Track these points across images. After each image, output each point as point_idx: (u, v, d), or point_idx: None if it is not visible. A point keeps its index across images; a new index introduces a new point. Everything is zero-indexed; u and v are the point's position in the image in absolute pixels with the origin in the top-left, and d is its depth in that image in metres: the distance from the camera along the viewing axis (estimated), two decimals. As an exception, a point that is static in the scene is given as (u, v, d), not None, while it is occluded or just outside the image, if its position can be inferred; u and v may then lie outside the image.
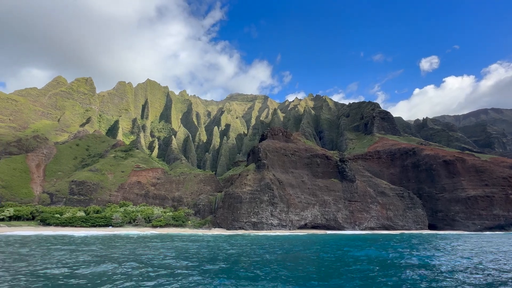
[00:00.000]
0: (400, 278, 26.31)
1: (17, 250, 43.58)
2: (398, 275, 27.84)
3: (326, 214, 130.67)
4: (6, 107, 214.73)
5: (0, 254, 38.04)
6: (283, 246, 58.76)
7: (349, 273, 28.77)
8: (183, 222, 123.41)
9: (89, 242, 58.20)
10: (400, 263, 35.20)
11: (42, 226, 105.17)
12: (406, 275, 27.82)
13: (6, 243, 55.21)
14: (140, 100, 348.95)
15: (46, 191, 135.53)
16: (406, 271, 29.57)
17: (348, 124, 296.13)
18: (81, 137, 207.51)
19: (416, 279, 25.90)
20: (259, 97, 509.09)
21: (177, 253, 43.62)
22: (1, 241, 59.22)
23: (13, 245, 51.59)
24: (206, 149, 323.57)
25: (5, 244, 52.96)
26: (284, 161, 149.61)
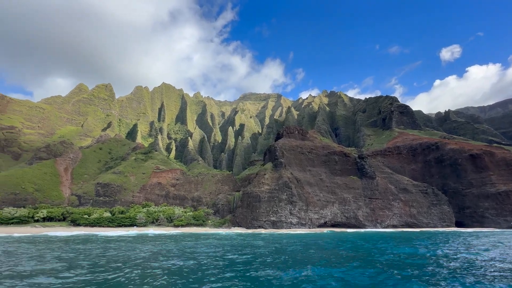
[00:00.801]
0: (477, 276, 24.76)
1: (102, 248, 46.98)
2: (475, 272, 26.28)
3: (346, 212, 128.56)
4: (35, 115, 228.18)
5: (101, 256, 37.46)
6: (318, 242, 59.46)
7: (413, 269, 28.36)
8: (203, 221, 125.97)
9: (138, 241, 61.10)
10: (468, 261, 33.54)
11: (73, 226, 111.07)
12: (484, 272, 26.31)
13: (66, 242, 59.24)
14: (156, 104, 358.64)
15: (74, 193, 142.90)
16: (483, 269, 28.12)
17: (365, 120, 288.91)
18: (103, 141, 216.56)
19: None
20: (272, 95, 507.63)
21: (228, 248, 47.00)
22: (54, 240, 63.04)
23: (82, 244, 55.27)
24: (222, 149, 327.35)
25: (70, 243, 56.60)
26: (301, 159, 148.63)
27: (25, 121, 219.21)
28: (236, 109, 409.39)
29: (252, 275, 25.69)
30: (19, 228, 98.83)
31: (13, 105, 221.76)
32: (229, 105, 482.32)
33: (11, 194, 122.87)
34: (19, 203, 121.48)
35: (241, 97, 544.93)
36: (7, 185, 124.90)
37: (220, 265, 31.22)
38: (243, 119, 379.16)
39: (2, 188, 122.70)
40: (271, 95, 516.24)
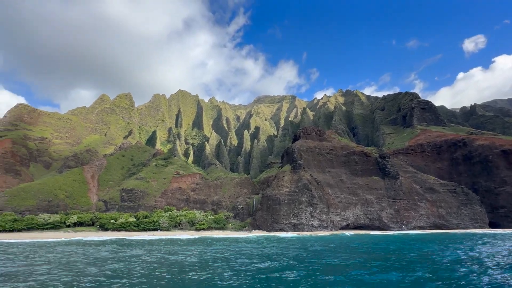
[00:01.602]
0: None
1: (164, 252, 50.05)
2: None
3: (369, 214, 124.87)
4: (62, 125, 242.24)
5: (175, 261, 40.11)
6: (351, 245, 59.00)
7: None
8: (224, 225, 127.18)
9: (183, 244, 63.88)
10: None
11: (101, 231, 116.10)
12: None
13: (121, 245, 63.36)
14: (173, 110, 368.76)
15: (101, 199, 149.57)
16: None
17: (383, 118, 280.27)
18: (125, 148, 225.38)
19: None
20: (286, 97, 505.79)
21: (277, 250, 49.14)
22: (103, 244, 67.08)
23: (138, 248, 59.26)
24: (238, 152, 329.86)
25: (122, 247, 60.18)
26: (319, 161, 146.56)
27: (54, 132, 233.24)
28: (251, 112, 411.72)
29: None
30: (53, 233, 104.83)
31: (43, 117, 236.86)
32: (243, 109, 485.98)
33: (45, 201, 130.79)
34: (52, 209, 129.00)
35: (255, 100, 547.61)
36: (41, 193, 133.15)
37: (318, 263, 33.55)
38: (258, 122, 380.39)
39: (37, 196, 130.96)
40: (285, 96, 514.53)
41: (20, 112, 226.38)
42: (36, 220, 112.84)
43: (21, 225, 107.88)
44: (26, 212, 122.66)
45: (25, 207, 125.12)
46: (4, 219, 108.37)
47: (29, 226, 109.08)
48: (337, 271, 32.01)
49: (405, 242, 66.52)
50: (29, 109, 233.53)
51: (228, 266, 34.83)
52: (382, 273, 30.12)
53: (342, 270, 32.09)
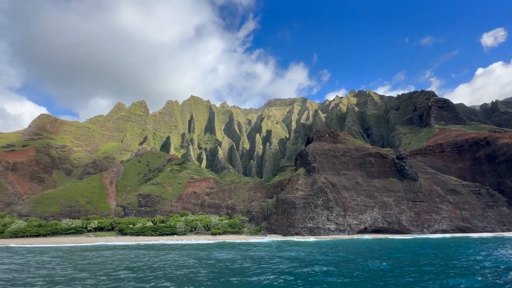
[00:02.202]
0: None
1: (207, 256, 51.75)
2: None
3: (387, 217, 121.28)
4: (82, 134, 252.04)
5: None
6: (377, 249, 57.95)
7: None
8: (239, 229, 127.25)
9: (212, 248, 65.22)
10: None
11: (121, 235, 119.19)
12: None
13: (151, 249, 65.97)
14: (186, 116, 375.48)
15: (120, 204, 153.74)
16: None
17: (399, 118, 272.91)
18: (141, 154, 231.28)
19: None
20: (297, 99, 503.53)
21: (315, 254, 49.54)
22: (141, 248, 69.40)
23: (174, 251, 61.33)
24: (250, 156, 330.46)
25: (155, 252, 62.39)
26: (334, 163, 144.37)
27: (74, 140, 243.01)
28: (262, 116, 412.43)
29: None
30: (76, 238, 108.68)
31: (64, 126, 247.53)
32: (255, 113, 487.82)
33: (67, 206, 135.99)
34: (74, 214, 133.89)
35: (266, 104, 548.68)
36: (64, 199, 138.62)
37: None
38: (270, 125, 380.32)
39: (60, 202, 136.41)
40: (296, 99, 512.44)
41: (43, 122, 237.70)
42: (60, 225, 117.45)
43: (46, 230, 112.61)
44: (50, 218, 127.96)
45: (49, 213, 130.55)
46: (31, 225, 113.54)
47: (53, 231, 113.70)
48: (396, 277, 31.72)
49: (441, 246, 64.11)
50: (51, 119, 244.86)
51: (290, 271, 35.83)
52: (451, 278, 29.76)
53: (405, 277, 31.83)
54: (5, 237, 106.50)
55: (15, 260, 49.68)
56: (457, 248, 61.52)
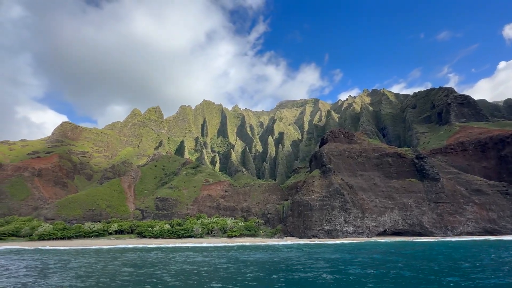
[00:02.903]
0: None
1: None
2: None
3: (408, 219, 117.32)
4: (101, 140, 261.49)
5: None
6: (408, 254, 56.91)
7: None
8: (255, 231, 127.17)
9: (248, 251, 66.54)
10: None
11: (140, 238, 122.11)
12: None
13: (177, 251, 67.84)
14: (199, 120, 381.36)
15: (138, 207, 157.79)
16: None
17: (416, 116, 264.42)
18: (157, 159, 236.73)
19: None
20: (309, 100, 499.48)
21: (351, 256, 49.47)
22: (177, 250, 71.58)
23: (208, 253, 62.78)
24: (263, 159, 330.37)
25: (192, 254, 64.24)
26: (350, 164, 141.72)
27: (93, 146, 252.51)
28: (274, 118, 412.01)
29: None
30: (99, 240, 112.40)
31: (84, 133, 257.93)
32: (266, 115, 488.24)
33: (89, 210, 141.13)
34: (95, 218, 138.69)
35: (277, 106, 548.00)
36: (86, 203, 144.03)
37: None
38: (282, 127, 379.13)
39: (83, 206, 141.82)
40: (308, 100, 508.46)
41: (65, 129, 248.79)
42: (83, 228, 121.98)
43: (70, 233, 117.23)
44: (74, 221, 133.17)
45: (73, 216, 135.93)
46: (56, 228, 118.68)
47: (77, 234, 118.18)
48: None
49: (481, 250, 61.34)
50: (72, 126, 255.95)
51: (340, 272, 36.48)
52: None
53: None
54: (33, 239, 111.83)
55: (77, 261, 51.80)
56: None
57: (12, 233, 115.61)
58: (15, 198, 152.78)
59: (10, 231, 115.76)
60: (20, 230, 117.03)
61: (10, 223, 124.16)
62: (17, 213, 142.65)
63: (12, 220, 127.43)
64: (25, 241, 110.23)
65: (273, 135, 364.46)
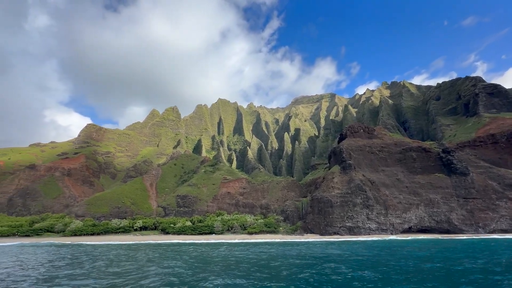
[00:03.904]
0: None
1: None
2: None
3: (435, 216, 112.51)
4: (123, 140, 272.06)
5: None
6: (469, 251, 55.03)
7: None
8: (275, 228, 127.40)
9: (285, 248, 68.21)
10: None
11: (163, 234, 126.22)
12: None
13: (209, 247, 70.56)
14: (215, 119, 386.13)
15: (160, 205, 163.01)
16: None
17: (440, 108, 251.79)
18: (176, 157, 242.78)
19: None
20: (325, 95, 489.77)
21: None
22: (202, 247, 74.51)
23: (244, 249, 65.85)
24: (279, 155, 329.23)
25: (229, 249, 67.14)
26: (371, 159, 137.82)
27: (116, 146, 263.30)
28: (290, 114, 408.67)
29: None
30: (126, 236, 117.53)
31: (107, 134, 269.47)
32: (281, 112, 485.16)
33: (115, 208, 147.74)
34: (121, 215, 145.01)
35: (293, 102, 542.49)
36: (112, 201, 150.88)
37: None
38: (298, 124, 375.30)
39: (109, 203, 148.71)
40: (324, 95, 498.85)
41: (90, 131, 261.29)
42: (110, 225, 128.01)
43: (99, 229, 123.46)
44: (102, 218, 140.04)
45: (100, 214, 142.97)
46: (86, 224, 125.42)
47: (105, 230, 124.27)
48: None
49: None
50: (96, 128, 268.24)
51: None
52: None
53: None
54: (66, 235, 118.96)
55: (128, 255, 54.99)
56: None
57: (47, 229, 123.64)
58: (48, 197, 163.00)
59: (45, 227, 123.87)
60: (54, 227, 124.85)
61: (45, 220, 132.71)
62: (50, 211, 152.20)
63: (46, 217, 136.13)
64: (59, 237, 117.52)
65: (289, 131, 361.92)
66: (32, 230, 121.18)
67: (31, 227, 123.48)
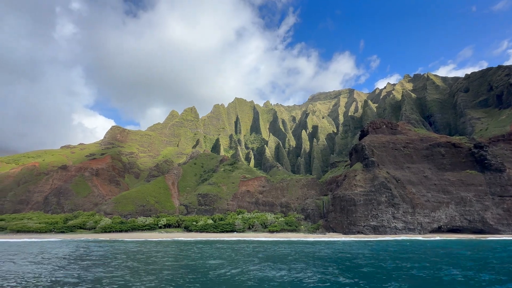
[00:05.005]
0: None
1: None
2: None
3: (467, 214, 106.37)
4: (145, 141, 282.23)
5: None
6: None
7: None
8: (296, 227, 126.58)
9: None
10: None
11: (187, 232, 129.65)
12: None
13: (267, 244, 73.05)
14: (232, 118, 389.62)
15: (182, 203, 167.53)
16: None
17: (469, 101, 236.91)
18: (195, 157, 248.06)
19: None
20: (343, 91, 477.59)
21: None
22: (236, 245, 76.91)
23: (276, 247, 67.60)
24: (297, 153, 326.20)
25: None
26: (395, 156, 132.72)
27: (139, 147, 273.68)
28: (307, 112, 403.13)
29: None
30: (151, 233, 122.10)
31: (130, 135, 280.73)
32: (298, 109, 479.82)
33: (140, 206, 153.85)
34: (146, 213, 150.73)
35: (310, 99, 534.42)
36: (137, 199, 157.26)
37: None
38: (315, 121, 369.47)
39: (135, 202, 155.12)
40: (342, 91, 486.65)
41: (114, 132, 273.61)
42: (136, 222, 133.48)
43: (127, 227, 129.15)
44: (128, 216, 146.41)
45: (127, 212, 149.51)
46: (115, 222, 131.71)
47: (132, 227, 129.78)
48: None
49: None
50: (120, 130, 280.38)
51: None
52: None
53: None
54: (97, 232, 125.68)
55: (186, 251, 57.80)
56: None
57: (80, 226, 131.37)
58: (79, 195, 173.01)
59: (78, 224, 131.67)
60: (86, 224, 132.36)
61: (77, 217, 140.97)
62: (81, 208, 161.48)
63: (78, 215, 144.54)
64: (91, 233, 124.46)
65: (306, 129, 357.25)
66: (66, 227, 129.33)
67: (65, 224, 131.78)
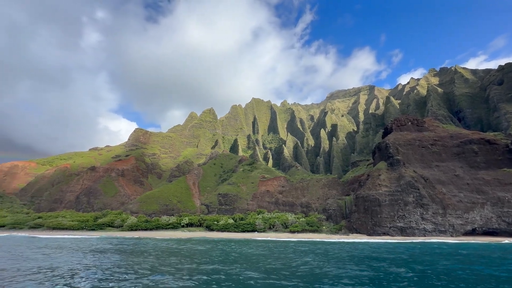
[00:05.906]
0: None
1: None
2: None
3: (505, 216, 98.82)
4: (166, 142, 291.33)
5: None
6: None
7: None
8: (318, 227, 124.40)
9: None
10: None
11: (208, 231, 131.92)
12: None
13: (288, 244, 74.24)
14: (249, 118, 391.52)
15: (203, 203, 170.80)
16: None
17: (504, 94, 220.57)
18: (214, 157, 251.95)
19: None
20: (363, 88, 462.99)
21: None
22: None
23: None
24: (316, 153, 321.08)
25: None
26: (422, 154, 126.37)
27: (161, 148, 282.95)
28: (325, 110, 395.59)
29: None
30: (175, 232, 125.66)
31: (152, 137, 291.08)
32: (316, 108, 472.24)
33: (164, 205, 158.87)
34: (169, 212, 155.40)
35: (328, 97, 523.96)
36: (160, 199, 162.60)
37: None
38: (334, 119, 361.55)
39: (158, 201, 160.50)
40: (362, 88, 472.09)
41: (137, 134, 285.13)
42: (161, 221, 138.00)
43: (152, 225, 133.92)
44: (152, 215, 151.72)
45: (151, 211, 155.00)
46: (140, 220, 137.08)
47: (156, 225, 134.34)
48: None
49: None
50: (143, 132, 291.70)
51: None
52: None
53: None
54: (124, 230, 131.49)
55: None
56: None
57: (108, 224, 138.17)
58: (107, 195, 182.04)
59: (107, 222, 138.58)
60: (114, 222, 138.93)
61: (106, 216, 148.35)
62: (109, 207, 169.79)
63: (107, 213, 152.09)
64: (119, 231, 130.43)
65: (325, 128, 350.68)
66: (96, 225, 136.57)
67: (95, 222, 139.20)
